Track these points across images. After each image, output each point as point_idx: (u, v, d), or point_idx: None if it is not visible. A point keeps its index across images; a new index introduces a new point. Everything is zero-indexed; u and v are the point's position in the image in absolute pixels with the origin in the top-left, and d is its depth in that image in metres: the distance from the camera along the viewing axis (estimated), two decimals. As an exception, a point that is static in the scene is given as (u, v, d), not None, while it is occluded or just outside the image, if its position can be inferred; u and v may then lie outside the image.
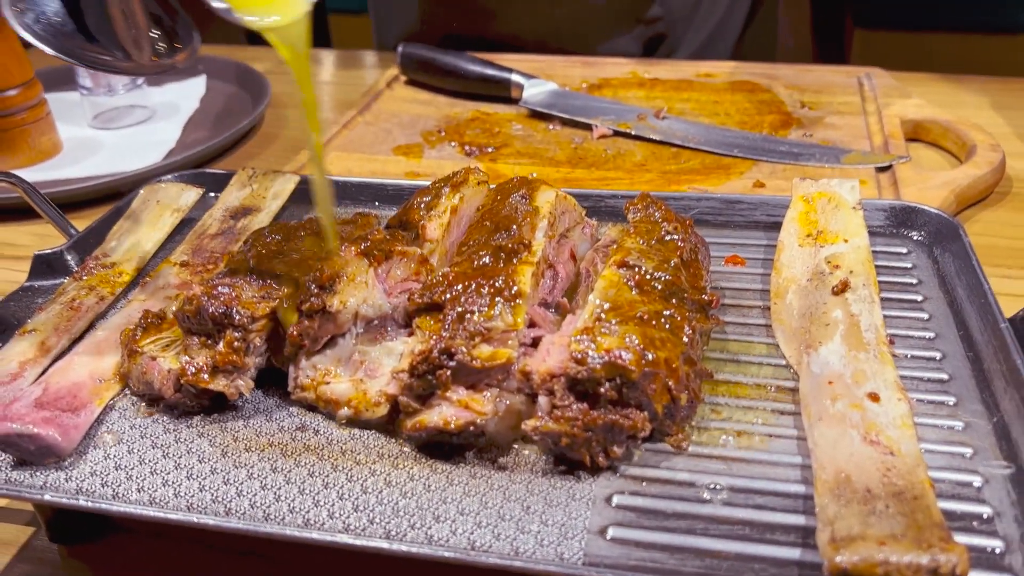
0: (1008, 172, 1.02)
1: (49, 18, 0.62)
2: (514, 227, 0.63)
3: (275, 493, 0.52)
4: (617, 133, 1.10)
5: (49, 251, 0.75)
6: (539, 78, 1.20)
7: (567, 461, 0.53)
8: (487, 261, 0.60)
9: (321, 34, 4.46)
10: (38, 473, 0.55)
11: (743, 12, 1.49)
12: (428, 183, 0.75)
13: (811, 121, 1.12)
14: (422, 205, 0.69)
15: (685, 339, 0.56)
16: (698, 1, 1.43)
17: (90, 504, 0.52)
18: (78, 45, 0.63)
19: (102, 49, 0.65)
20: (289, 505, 0.52)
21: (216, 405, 0.59)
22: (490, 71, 1.21)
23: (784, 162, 1.01)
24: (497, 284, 0.58)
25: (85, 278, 0.73)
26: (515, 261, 0.60)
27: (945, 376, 0.58)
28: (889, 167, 0.98)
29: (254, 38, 0.79)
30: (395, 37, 1.54)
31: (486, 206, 0.69)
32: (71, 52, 0.63)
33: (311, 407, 0.59)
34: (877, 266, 0.69)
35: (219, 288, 0.58)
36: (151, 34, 0.66)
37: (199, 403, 0.59)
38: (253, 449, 0.56)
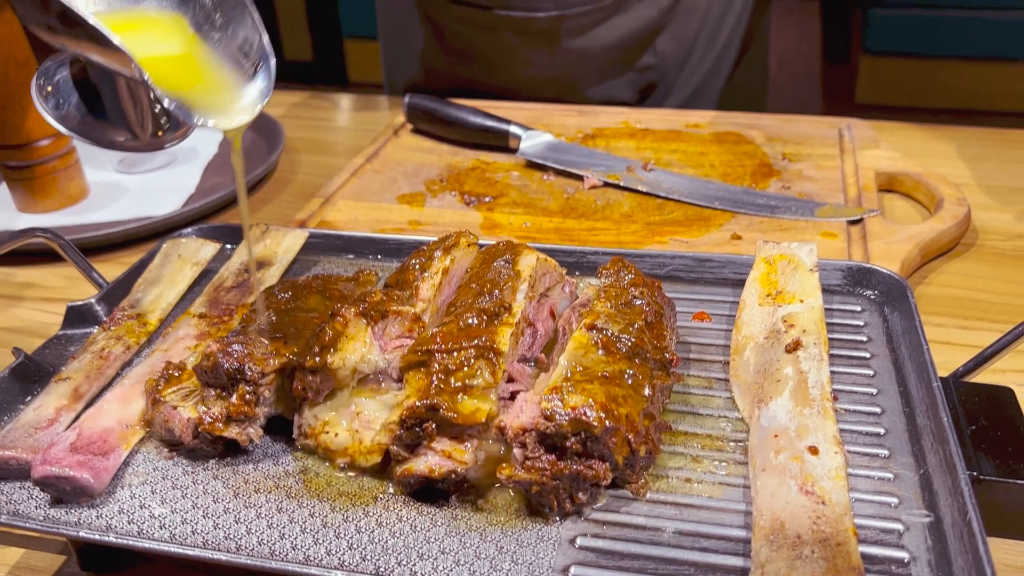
0: (975, 224, 1.08)
1: (69, 103, 0.71)
2: (496, 291, 0.70)
3: (280, 531, 0.60)
4: (607, 184, 1.17)
5: (80, 303, 0.83)
6: (536, 129, 1.28)
7: (538, 506, 0.60)
8: (472, 322, 0.67)
9: (336, 59, 4.57)
10: (72, 510, 0.62)
11: (731, 61, 1.57)
12: (426, 239, 0.83)
13: (790, 173, 1.18)
14: (416, 266, 0.76)
15: (646, 396, 0.62)
16: (689, 51, 1.51)
17: (118, 540, 0.59)
18: (91, 126, 0.73)
19: (113, 129, 0.74)
20: (292, 543, 0.59)
21: (230, 450, 0.67)
22: (490, 123, 1.29)
23: (762, 215, 1.07)
24: (479, 344, 0.65)
25: (113, 328, 0.80)
26: (496, 322, 0.67)
27: (882, 430, 0.65)
28: (860, 220, 1.04)
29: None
30: (403, 82, 1.63)
31: (474, 268, 0.76)
32: (85, 133, 0.73)
33: (313, 453, 0.66)
34: (832, 323, 0.76)
35: (233, 346, 0.66)
36: (154, 115, 0.75)
37: (214, 448, 0.66)
38: (261, 491, 0.63)
